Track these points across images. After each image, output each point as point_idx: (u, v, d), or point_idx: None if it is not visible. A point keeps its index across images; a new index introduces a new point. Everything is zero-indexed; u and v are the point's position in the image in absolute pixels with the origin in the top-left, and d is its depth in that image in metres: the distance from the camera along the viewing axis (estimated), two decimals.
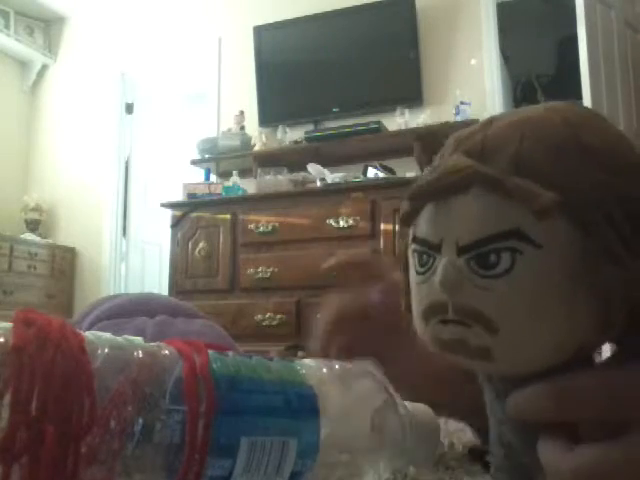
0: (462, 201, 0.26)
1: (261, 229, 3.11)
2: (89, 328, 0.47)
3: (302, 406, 0.30)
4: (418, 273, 0.29)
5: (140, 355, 0.26)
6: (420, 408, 0.36)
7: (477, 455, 0.35)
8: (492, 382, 0.31)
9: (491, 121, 0.28)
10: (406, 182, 2.87)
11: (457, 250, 0.26)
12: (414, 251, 0.29)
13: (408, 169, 3.14)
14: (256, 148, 3.59)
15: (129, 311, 0.52)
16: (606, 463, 0.24)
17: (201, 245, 3.25)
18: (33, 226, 4.34)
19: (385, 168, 3.19)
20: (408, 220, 0.29)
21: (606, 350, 0.29)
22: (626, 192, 0.26)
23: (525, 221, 0.25)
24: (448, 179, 0.27)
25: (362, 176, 3.16)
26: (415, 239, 0.29)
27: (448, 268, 0.26)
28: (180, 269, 3.28)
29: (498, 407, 0.30)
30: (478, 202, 0.26)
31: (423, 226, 0.28)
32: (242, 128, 3.70)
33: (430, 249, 0.28)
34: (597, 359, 0.29)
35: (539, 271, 0.25)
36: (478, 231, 0.26)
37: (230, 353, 0.30)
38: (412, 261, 0.30)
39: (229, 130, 3.73)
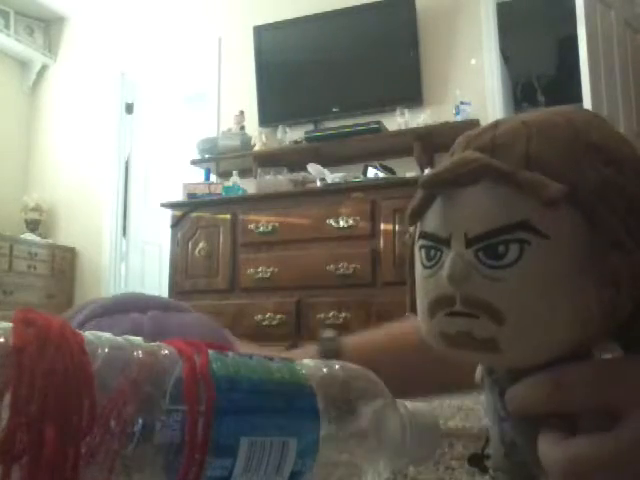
0: (472, 193, 0.27)
1: (261, 229, 3.11)
2: (79, 328, 0.47)
3: (302, 406, 0.30)
4: (425, 267, 0.29)
5: (140, 355, 0.26)
6: (420, 408, 0.36)
7: (476, 461, 0.35)
8: (493, 377, 0.31)
9: (497, 124, 0.29)
10: (406, 182, 2.87)
11: (466, 242, 0.27)
12: (422, 247, 0.29)
13: (408, 169, 3.14)
14: (256, 148, 3.59)
15: (120, 309, 0.52)
16: (601, 453, 0.25)
17: (201, 245, 3.25)
18: (33, 226, 4.33)
19: (385, 168, 3.19)
20: (417, 215, 0.30)
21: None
22: (628, 188, 0.26)
23: (533, 213, 0.25)
24: (458, 170, 0.27)
25: (362, 176, 3.16)
26: (423, 235, 0.29)
27: (456, 261, 0.27)
28: (180, 269, 3.28)
29: (499, 404, 0.30)
30: (488, 194, 0.26)
31: (432, 221, 0.29)
32: (242, 128, 3.70)
33: (438, 243, 0.28)
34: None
35: (547, 261, 0.26)
36: (488, 222, 0.26)
37: (230, 353, 0.30)
38: (418, 257, 0.30)
39: (229, 130, 3.72)
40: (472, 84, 3.32)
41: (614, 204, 0.26)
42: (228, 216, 3.22)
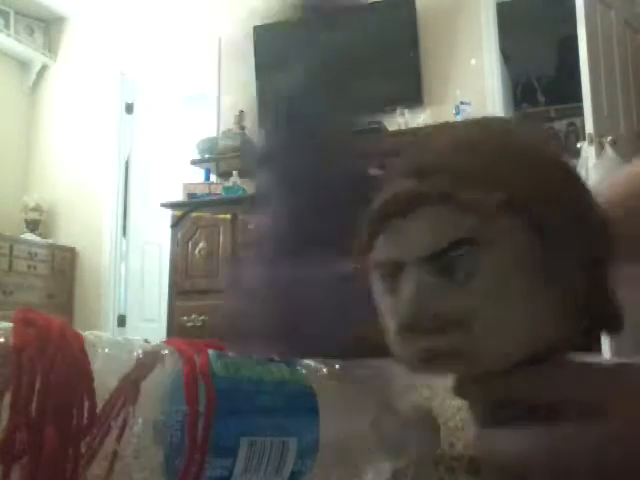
0: (414, 219, 0.28)
1: None
2: None
3: (302, 406, 0.30)
4: (385, 294, 0.30)
5: (140, 355, 0.26)
6: (420, 407, 0.36)
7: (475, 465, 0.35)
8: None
9: (421, 145, 0.31)
10: None
11: (418, 264, 0.28)
12: (378, 275, 0.30)
13: None
14: None
15: None
16: (520, 443, 0.26)
17: (201, 245, 3.25)
18: (33, 226, 4.33)
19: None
20: (368, 248, 0.31)
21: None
22: (561, 192, 0.28)
23: (475, 227, 0.26)
24: (394, 207, 0.28)
25: None
26: (378, 264, 0.30)
27: (412, 284, 0.28)
28: (180, 269, 3.28)
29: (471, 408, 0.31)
30: (428, 218, 0.27)
31: (383, 250, 0.30)
32: (242, 128, 3.69)
33: (394, 269, 0.29)
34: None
35: (498, 270, 0.27)
36: (434, 244, 0.27)
37: (230, 353, 0.30)
38: (377, 285, 0.31)
39: (229, 130, 3.72)
40: (472, 84, 3.32)
41: (552, 208, 0.27)
42: (228, 216, 3.21)
